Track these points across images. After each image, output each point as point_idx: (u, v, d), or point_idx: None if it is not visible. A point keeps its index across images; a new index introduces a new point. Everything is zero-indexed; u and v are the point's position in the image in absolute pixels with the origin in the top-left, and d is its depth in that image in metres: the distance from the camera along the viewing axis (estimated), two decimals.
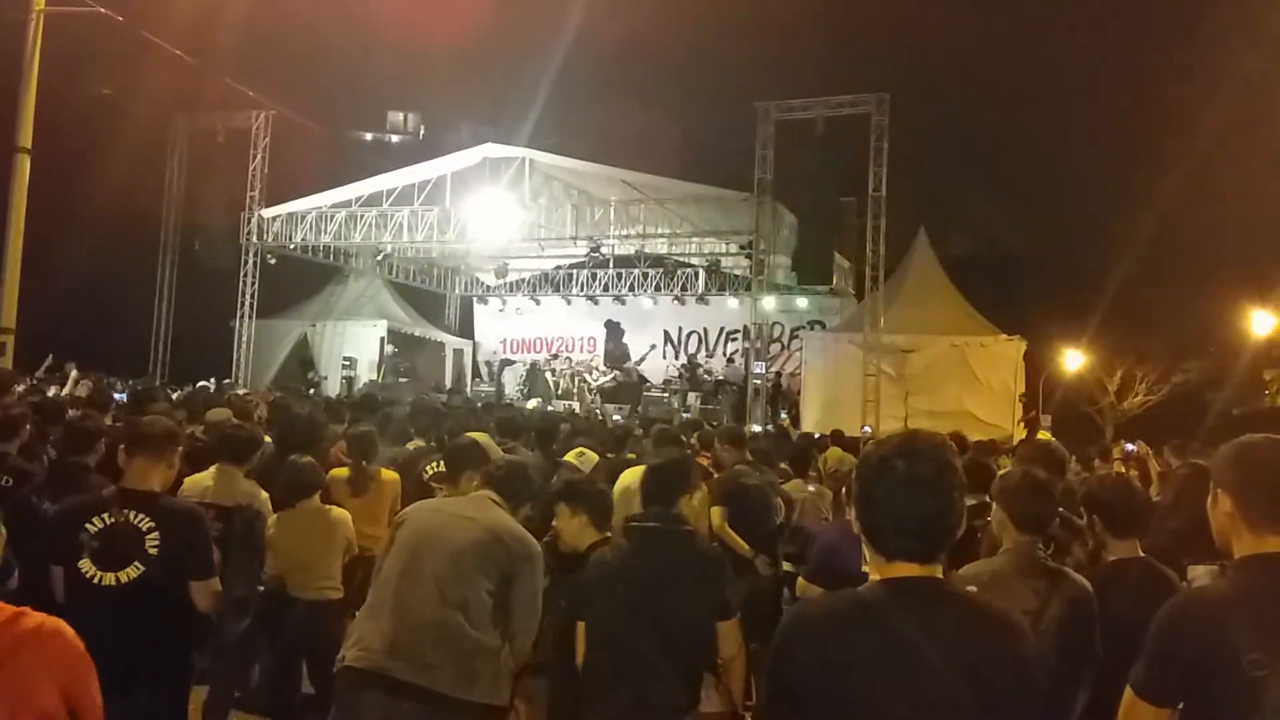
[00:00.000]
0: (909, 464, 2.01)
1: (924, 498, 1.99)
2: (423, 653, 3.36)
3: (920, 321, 19.75)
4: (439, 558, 3.48)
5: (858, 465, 2.13)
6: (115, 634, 3.40)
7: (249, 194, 23.70)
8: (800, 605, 2.17)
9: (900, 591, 2.00)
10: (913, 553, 2.01)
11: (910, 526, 2.00)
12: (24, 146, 14.25)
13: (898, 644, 1.93)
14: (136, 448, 3.70)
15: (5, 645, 2.07)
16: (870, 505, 2.05)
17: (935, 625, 1.95)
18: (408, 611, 3.42)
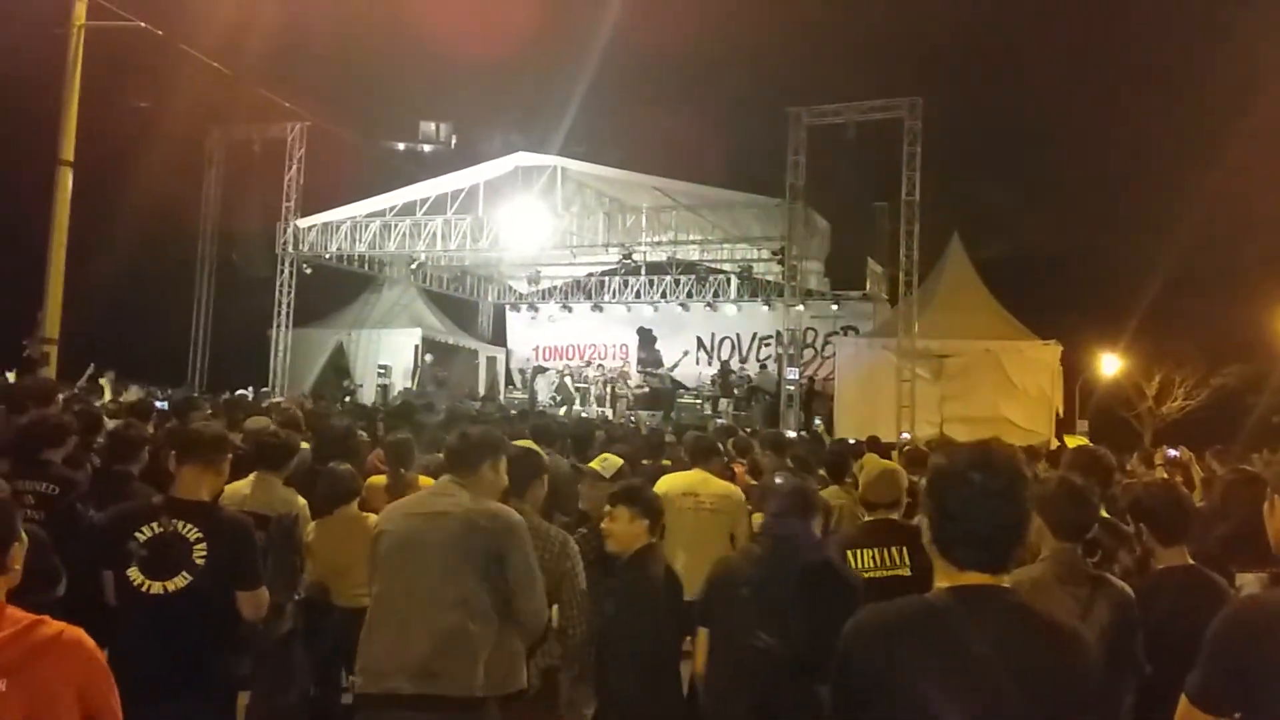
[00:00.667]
0: (984, 476, 2.02)
1: (998, 509, 2.01)
2: (426, 663, 3.37)
3: (955, 327, 19.60)
4: (424, 565, 3.48)
5: (930, 476, 2.16)
6: (162, 641, 3.45)
7: (284, 204, 23.92)
8: (868, 610, 2.18)
9: (969, 600, 2.01)
10: (984, 563, 2.03)
11: (983, 538, 2.02)
12: (66, 159, 14.46)
13: (965, 652, 1.94)
14: (186, 456, 3.75)
15: (23, 652, 2.11)
16: (944, 516, 2.07)
17: (1002, 635, 1.96)
18: (404, 625, 3.43)
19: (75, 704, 2.15)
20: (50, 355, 14.30)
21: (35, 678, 2.10)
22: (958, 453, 2.13)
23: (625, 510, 4.12)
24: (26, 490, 4.77)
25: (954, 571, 2.06)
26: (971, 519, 2.02)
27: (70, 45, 14.42)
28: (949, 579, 2.06)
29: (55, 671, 2.14)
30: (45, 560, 3.91)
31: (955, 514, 2.04)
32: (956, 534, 2.05)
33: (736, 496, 6.23)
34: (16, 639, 2.11)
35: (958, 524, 2.04)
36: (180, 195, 25.59)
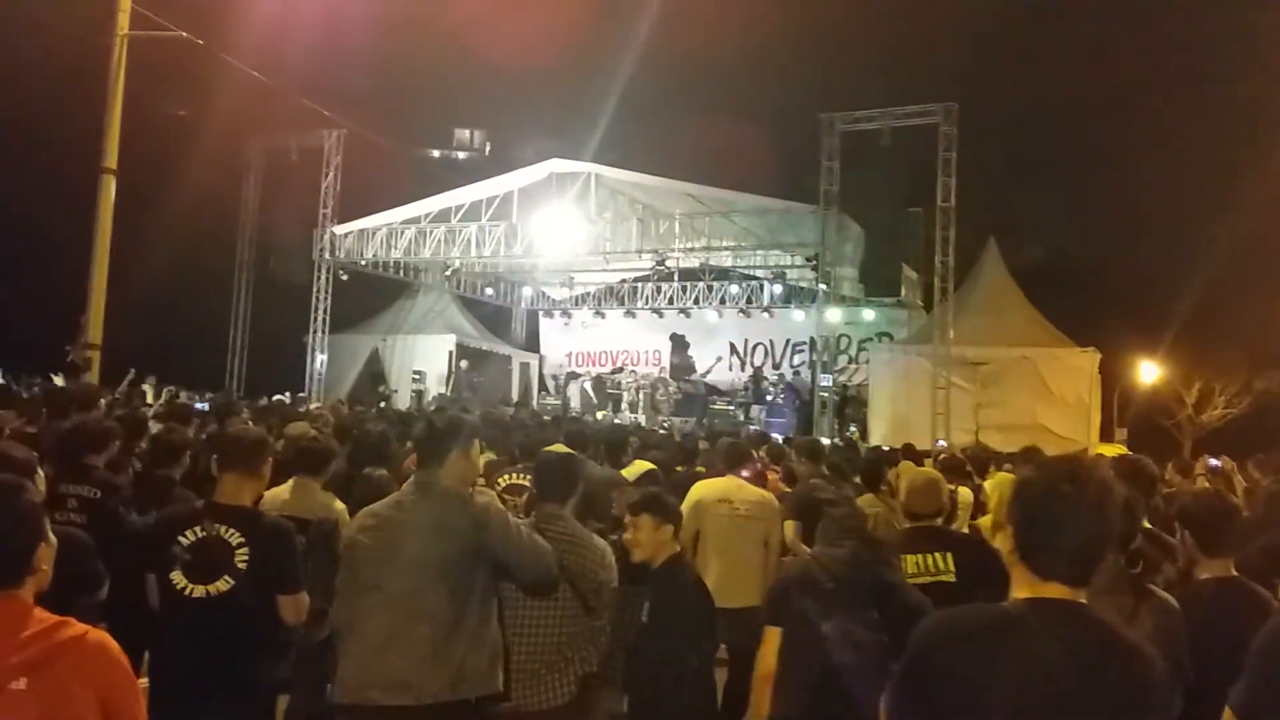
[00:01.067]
0: (1075, 489, 2.05)
1: (1087, 523, 2.04)
2: (399, 673, 3.37)
3: (991, 333, 19.43)
4: (394, 574, 3.46)
5: (1020, 487, 2.17)
6: (204, 645, 3.50)
7: (321, 211, 24.16)
8: (943, 614, 2.22)
9: (1046, 611, 2.04)
10: (1068, 576, 2.06)
11: (1070, 550, 2.05)
12: (109, 167, 14.70)
13: (1040, 663, 1.96)
14: (228, 463, 3.79)
15: (43, 652, 2.14)
16: (1032, 527, 2.09)
17: (1077, 649, 1.98)
18: (376, 637, 3.41)
19: (95, 706, 2.17)
20: (93, 361, 14.52)
21: (55, 678, 2.13)
22: (1049, 465, 2.16)
23: (649, 519, 4.11)
24: (69, 494, 4.85)
25: (1036, 582, 2.08)
26: (1060, 531, 2.05)
27: (113, 55, 14.66)
28: (1029, 589, 2.09)
29: (76, 673, 2.16)
30: (88, 563, 3.97)
31: (1044, 525, 2.07)
32: (1044, 545, 2.07)
33: (770, 503, 6.23)
34: (39, 638, 2.15)
35: (1046, 535, 2.07)
36: (219, 202, 25.99)
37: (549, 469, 4.22)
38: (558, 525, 3.98)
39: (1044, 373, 18.95)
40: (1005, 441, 14.41)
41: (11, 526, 2.25)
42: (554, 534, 3.93)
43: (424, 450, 3.77)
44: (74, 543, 3.78)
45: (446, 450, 3.70)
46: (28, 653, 2.12)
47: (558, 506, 4.06)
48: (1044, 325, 20.35)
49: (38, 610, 2.21)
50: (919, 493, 4.58)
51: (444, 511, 3.54)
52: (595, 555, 3.95)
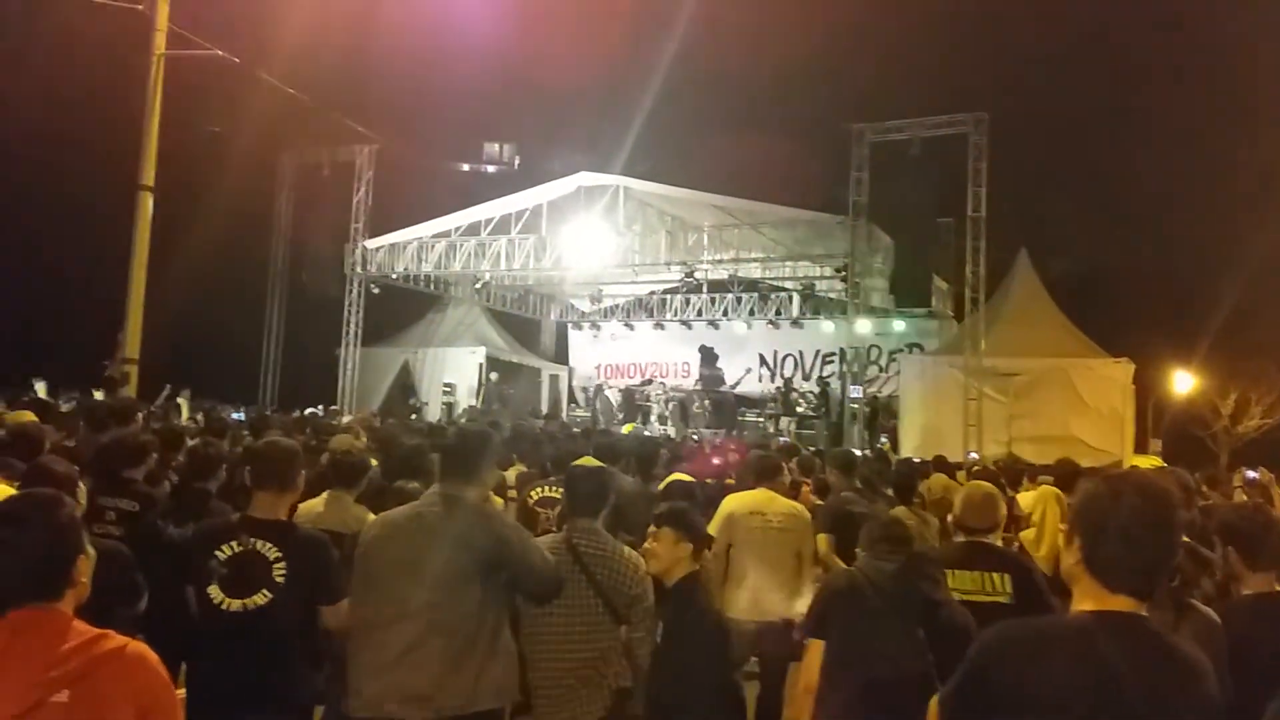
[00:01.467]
0: (1145, 502, 2.07)
1: (1157, 536, 2.07)
2: (417, 686, 3.36)
3: (1023, 344, 19.24)
4: (418, 588, 3.44)
5: (1088, 499, 2.18)
6: (242, 658, 3.52)
7: (353, 225, 24.39)
8: (1008, 625, 2.23)
9: (1110, 624, 2.05)
10: (1135, 589, 2.08)
11: (1140, 563, 2.07)
12: (146, 184, 14.90)
13: (1107, 676, 1.98)
14: (261, 481, 3.81)
15: (84, 664, 2.16)
16: (1102, 541, 2.10)
17: (1141, 661, 2.00)
18: (397, 647, 3.41)
19: (135, 718, 2.18)
20: (130, 375, 14.70)
21: (96, 690, 2.15)
22: (1117, 479, 2.18)
23: (670, 532, 4.04)
24: (108, 507, 4.90)
25: (1102, 595, 2.09)
26: (1131, 544, 2.07)
27: (151, 74, 14.88)
28: (1095, 602, 2.10)
29: (116, 685, 2.18)
30: (127, 576, 4.02)
31: (1116, 539, 2.08)
32: (1114, 558, 2.09)
33: (803, 516, 6.21)
34: (80, 650, 2.17)
35: (1117, 548, 2.08)
36: (253, 217, 26.30)
37: (580, 482, 4.20)
38: (590, 539, 3.98)
39: (1077, 384, 18.74)
40: (1038, 453, 14.26)
41: (51, 540, 2.27)
42: (586, 547, 3.94)
43: (452, 463, 3.75)
44: (113, 555, 3.83)
45: (476, 467, 3.72)
46: (69, 665, 2.14)
47: (590, 520, 4.05)
48: (1077, 335, 20.14)
49: (78, 623, 2.24)
50: (976, 507, 4.46)
51: (469, 526, 3.54)
52: (628, 569, 3.94)
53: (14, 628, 2.18)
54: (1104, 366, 19.08)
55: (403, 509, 3.77)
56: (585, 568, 3.88)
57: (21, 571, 2.23)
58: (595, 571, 3.88)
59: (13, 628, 2.18)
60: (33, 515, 2.29)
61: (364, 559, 3.63)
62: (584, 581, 3.87)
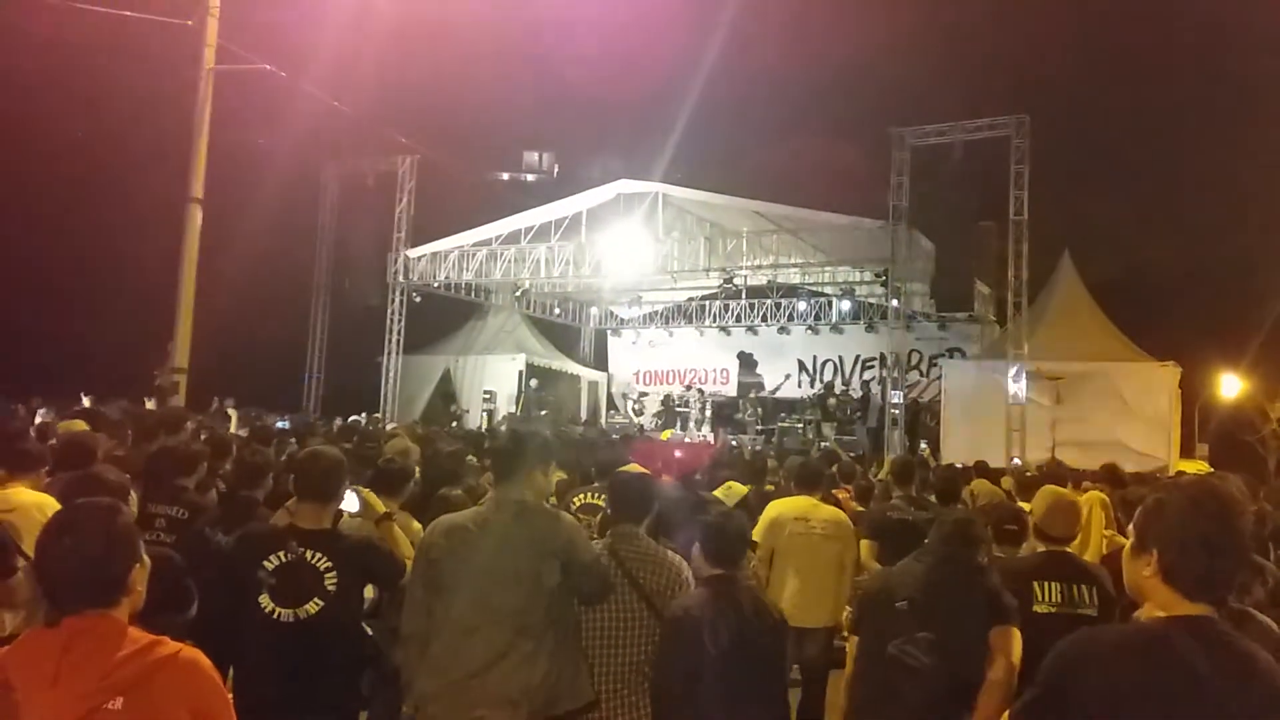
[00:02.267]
0: (1220, 509, 2.11)
1: (1231, 542, 2.11)
2: (507, 690, 3.39)
3: (1066, 348, 19.02)
4: (500, 591, 3.47)
5: (1161, 508, 2.20)
6: (293, 666, 3.56)
7: (395, 235, 24.63)
8: (1085, 635, 2.24)
9: (1190, 629, 2.07)
10: (1211, 595, 2.10)
11: (1216, 570, 2.10)
12: (196, 197, 15.17)
13: (1191, 681, 2.00)
14: (304, 491, 3.86)
15: (138, 671, 2.19)
16: (1181, 548, 2.12)
17: (1222, 665, 2.02)
18: (482, 653, 3.43)
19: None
20: (180, 385, 14.95)
21: (150, 696, 2.18)
22: (1188, 486, 2.21)
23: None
24: (158, 514, 4.99)
25: (1177, 601, 2.11)
26: (1208, 551, 2.09)
27: (200, 90, 15.16)
28: (1166, 609, 2.12)
29: (170, 691, 2.21)
30: (179, 583, 4.09)
31: (1193, 546, 2.10)
32: (1191, 566, 2.11)
33: (847, 524, 6.21)
34: (134, 658, 2.20)
35: (1195, 556, 2.10)
36: (297, 228, 26.68)
37: (626, 489, 4.22)
38: (633, 544, 4.01)
39: (1122, 388, 18.49)
40: (1083, 458, 14.09)
41: (107, 548, 2.30)
42: (629, 553, 3.96)
43: (506, 464, 3.77)
44: (166, 563, 3.89)
45: (531, 465, 3.75)
46: (123, 672, 2.17)
47: (633, 526, 4.07)
48: (1121, 339, 19.88)
49: (133, 630, 2.27)
50: (1055, 514, 4.34)
51: (541, 529, 3.59)
52: (671, 574, 3.96)
53: (70, 634, 2.22)
54: (1149, 370, 18.81)
55: (465, 514, 3.78)
56: (628, 573, 3.91)
57: (79, 579, 2.26)
58: (639, 576, 3.91)
59: (69, 634, 2.22)
60: (90, 524, 2.33)
61: (434, 565, 3.62)
62: (627, 586, 3.90)
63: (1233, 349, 29.41)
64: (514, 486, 3.71)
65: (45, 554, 2.31)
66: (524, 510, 3.65)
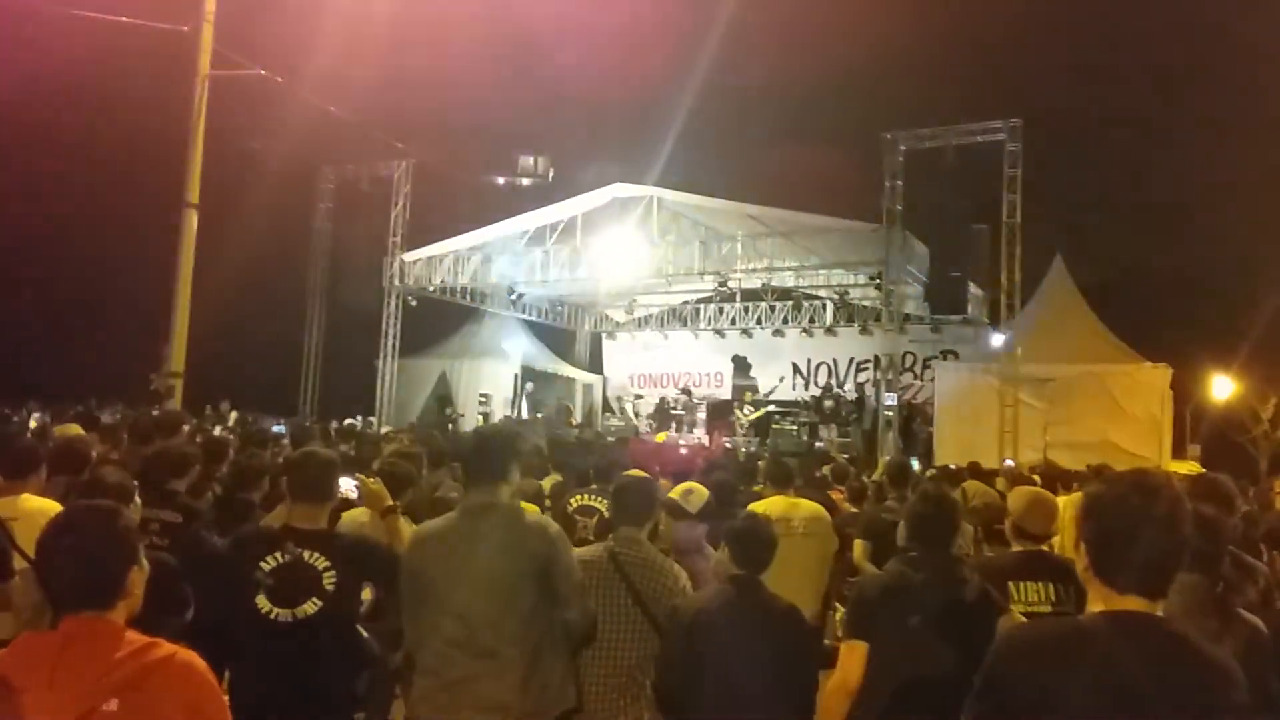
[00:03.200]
0: (1145, 502, 2.08)
1: (1160, 536, 2.07)
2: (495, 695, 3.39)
3: (1059, 350, 19.11)
4: (479, 599, 3.46)
5: (1091, 503, 2.19)
6: (291, 666, 3.57)
7: (391, 239, 24.65)
8: (1021, 629, 2.28)
9: (1124, 625, 2.06)
10: (1143, 589, 2.08)
11: (1144, 564, 2.08)
12: (192, 202, 15.15)
13: (1120, 677, 1.98)
14: (298, 495, 3.86)
15: (134, 673, 2.19)
16: (1107, 544, 2.12)
17: (1157, 663, 2.00)
18: (467, 660, 3.43)
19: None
20: (176, 389, 14.94)
21: (146, 698, 2.18)
22: (1117, 479, 2.17)
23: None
24: (152, 518, 5.01)
25: (1112, 596, 2.10)
26: (1134, 545, 2.07)
27: (195, 94, 15.16)
28: (1105, 603, 2.11)
29: (166, 693, 2.21)
30: (175, 588, 4.11)
31: (1119, 541, 2.09)
32: (1119, 561, 2.09)
33: (825, 518, 6.18)
34: (130, 659, 2.21)
35: (1120, 551, 2.09)
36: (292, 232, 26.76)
37: (629, 493, 4.18)
38: (634, 549, 4.00)
39: (1114, 389, 18.57)
40: (1075, 459, 14.17)
41: (106, 550, 2.31)
42: (629, 558, 3.96)
43: (479, 466, 3.70)
44: (163, 568, 3.92)
45: (505, 467, 3.68)
46: (119, 674, 2.18)
47: (635, 530, 4.05)
48: (1113, 341, 19.96)
49: (129, 632, 2.28)
50: (1038, 510, 4.36)
51: (516, 532, 3.54)
52: (669, 580, 3.95)
53: (67, 636, 2.23)
54: (1141, 372, 18.90)
55: (440, 521, 3.75)
56: (626, 577, 3.90)
57: (77, 580, 2.28)
58: (636, 581, 3.90)
59: (66, 636, 2.23)
60: (91, 525, 2.35)
61: (416, 575, 3.61)
62: (624, 590, 3.89)
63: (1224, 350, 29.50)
64: (485, 488, 3.65)
65: (44, 555, 2.32)
66: (503, 514, 3.61)
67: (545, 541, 3.55)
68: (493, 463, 3.67)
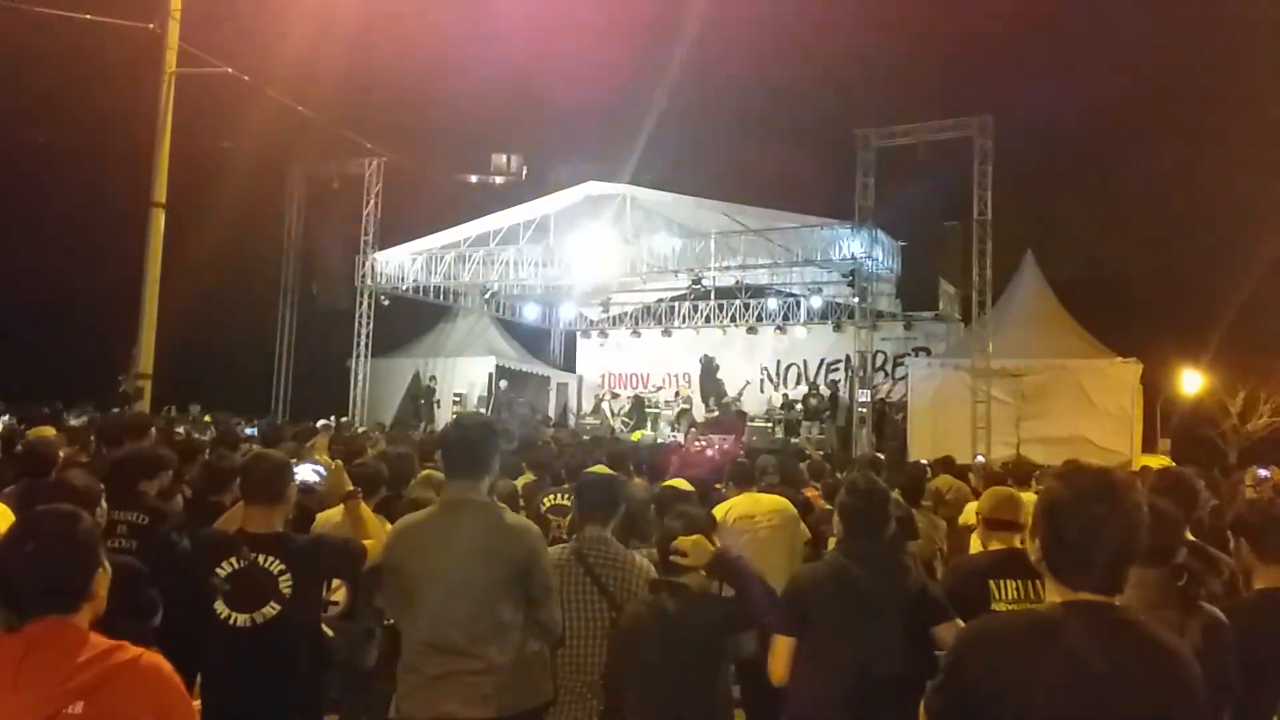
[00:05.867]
0: (1098, 501, 2.08)
1: (1111, 535, 2.07)
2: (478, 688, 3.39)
3: (1030, 346, 19.27)
4: (464, 595, 3.44)
5: (1046, 500, 2.19)
6: (252, 670, 3.55)
7: (363, 238, 24.53)
8: (981, 620, 2.29)
9: (1081, 614, 2.07)
10: (1096, 587, 2.09)
11: (1096, 562, 2.08)
12: (159, 201, 15.01)
13: (1079, 665, 2.00)
14: (250, 495, 3.82)
15: (99, 676, 2.18)
16: (1058, 539, 2.12)
17: (1114, 650, 2.02)
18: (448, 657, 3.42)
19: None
20: (144, 390, 14.79)
21: (111, 701, 2.17)
22: (1074, 477, 2.17)
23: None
24: (120, 520, 4.95)
25: (1067, 592, 2.12)
26: (1086, 544, 2.07)
27: (162, 93, 15.01)
28: (1061, 596, 2.13)
29: (131, 696, 2.19)
30: (142, 591, 4.05)
31: (1069, 538, 2.09)
32: (1070, 559, 2.11)
33: (789, 509, 6.15)
34: (95, 662, 2.19)
35: (1072, 549, 2.10)
36: (264, 231, 26.53)
37: (592, 490, 4.17)
38: (600, 549, 3.98)
39: (1085, 384, 18.76)
40: (1047, 454, 14.27)
41: (69, 554, 2.30)
42: (597, 558, 3.94)
43: (459, 458, 3.64)
44: (129, 571, 3.87)
45: (486, 461, 3.62)
46: (84, 677, 2.16)
47: (600, 528, 4.04)
48: (1084, 336, 20.16)
49: (93, 635, 2.27)
50: (1004, 501, 4.41)
51: (496, 535, 3.50)
52: (637, 576, 3.95)
53: (31, 640, 2.21)
54: (1111, 367, 19.09)
55: (421, 515, 3.71)
56: (595, 577, 3.89)
57: (40, 584, 2.26)
58: (605, 580, 3.89)
59: (30, 640, 2.21)
60: (53, 529, 2.33)
61: (395, 572, 3.60)
62: (594, 591, 3.88)
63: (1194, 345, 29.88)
64: (464, 482, 3.61)
65: (5, 560, 2.30)
66: (482, 511, 3.58)
67: (524, 547, 3.50)
68: (474, 454, 3.62)
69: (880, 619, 3.57)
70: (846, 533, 3.88)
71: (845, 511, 3.91)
